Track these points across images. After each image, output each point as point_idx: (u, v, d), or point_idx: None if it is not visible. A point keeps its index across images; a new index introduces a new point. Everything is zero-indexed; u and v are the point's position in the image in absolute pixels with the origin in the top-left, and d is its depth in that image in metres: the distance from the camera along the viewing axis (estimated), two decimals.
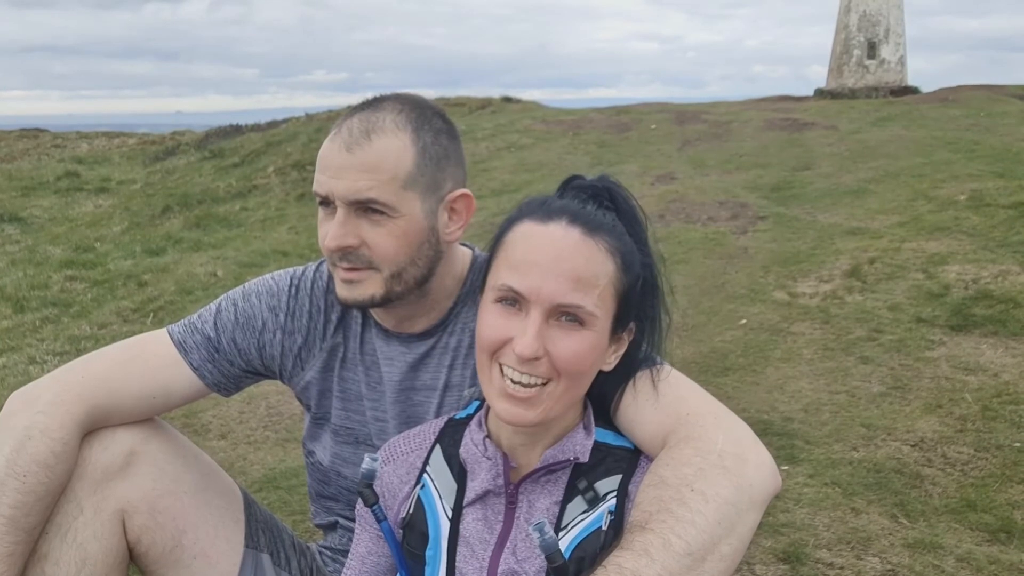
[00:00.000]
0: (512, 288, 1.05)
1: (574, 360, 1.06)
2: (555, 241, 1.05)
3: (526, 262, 1.05)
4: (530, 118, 13.15)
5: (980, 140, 9.40)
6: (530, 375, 1.06)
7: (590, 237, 1.06)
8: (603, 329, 1.08)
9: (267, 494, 2.80)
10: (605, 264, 1.06)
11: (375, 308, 1.39)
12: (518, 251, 1.07)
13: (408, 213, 1.31)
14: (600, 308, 1.06)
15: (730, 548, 1.06)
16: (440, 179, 1.34)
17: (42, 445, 1.31)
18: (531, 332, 1.04)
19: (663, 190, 8.19)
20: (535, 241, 1.06)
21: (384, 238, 1.30)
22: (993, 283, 4.78)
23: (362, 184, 1.27)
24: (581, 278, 1.04)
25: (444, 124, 1.38)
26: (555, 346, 1.05)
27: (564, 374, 1.06)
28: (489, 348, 1.08)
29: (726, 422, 1.17)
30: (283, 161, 11.37)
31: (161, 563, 1.43)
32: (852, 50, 18.82)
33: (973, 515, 2.63)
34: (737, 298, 5.06)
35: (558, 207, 1.09)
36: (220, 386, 1.49)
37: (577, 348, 1.06)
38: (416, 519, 1.19)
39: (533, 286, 1.04)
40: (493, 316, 1.08)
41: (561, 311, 1.05)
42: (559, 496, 1.15)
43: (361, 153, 1.28)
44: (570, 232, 1.06)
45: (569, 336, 1.06)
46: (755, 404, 3.54)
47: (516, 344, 1.04)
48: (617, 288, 1.08)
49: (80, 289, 6.21)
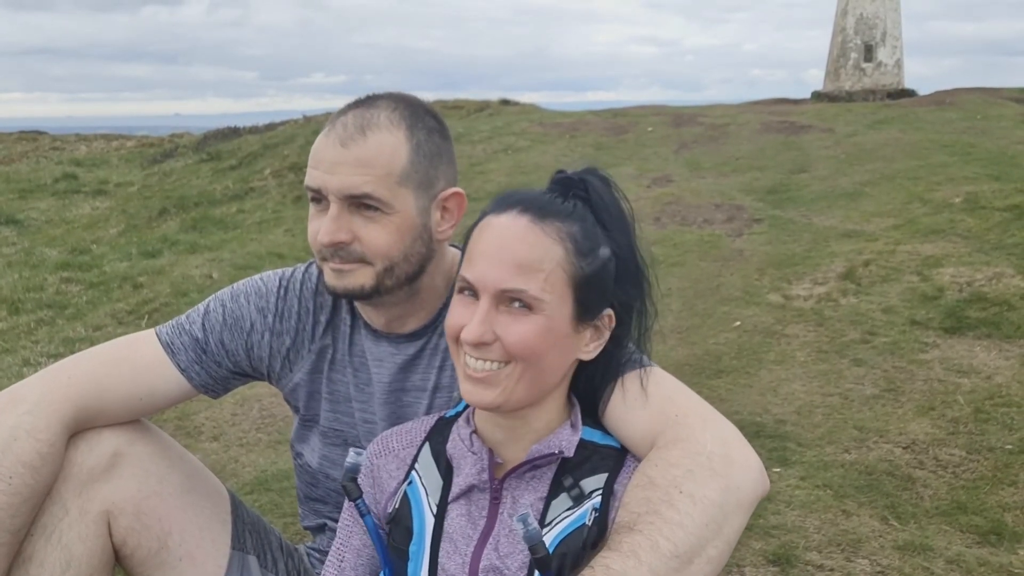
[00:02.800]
0: (465, 279, 1.11)
1: (522, 343, 1.09)
2: (502, 229, 1.10)
3: (478, 252, 1.11)
4: (527, 121, 13.15)
5: (976, 143, 9.41)
6: (484, 359, 1.10)
7: (537, 223, 1.10)
8: (557, 314, 1.10)
9: (259, 496, 2.80)
10: (551, 249, 1.09)
11: (364, 300, 1.38)
12: (473, 243, 1.13)
13: (401, 209, 1.31)
14: (548, 292, 1.09)
15: (717, 550, 1.06)
16: (433, 176, 1.35)
17: (28, 446, 1.31)
18: (476, 319, 1.09)
19: (659, 192, 8.19)
20: (487, 232, 1.12)
21: (377, 234, 1.30)
22: (987, 286, 4.79)
23: (356, 179, 1.28)
24: (523, 263, 1.08)
25: (437, 123, 1.39)
26: (504, 330, 1.09)
27: (516, 357, 1.10)
28: (452, 336, 1.14)
29: (714, 424, 1.18)
30: (280, 164, 11.37)
31: (147, 565, 1.43)
32: (849, 53, 18.85)
33: (964, 517, 2.63)
34: (731, 300, 5.07)
35: (516, 198, 1.14)
36: (207, 387, 1.49)
37: (524, 332, 1.09)
38: (402, 515, 1.20)
39: (479, 275, 1.09)
40: (456, 306, 1.13)
41: (507, 296, 1.09)
42: (544, 492, 1.15)
43: (356, 148, 1.28)
44: (518, 220, 1.10)
45: (517, 321, 1.09)
46: (748, 406, 3.54)
47: (463, 331, 1.10)
48: (570, 272, 1.10)
49: (75, 291, 6.20)
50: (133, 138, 18.66)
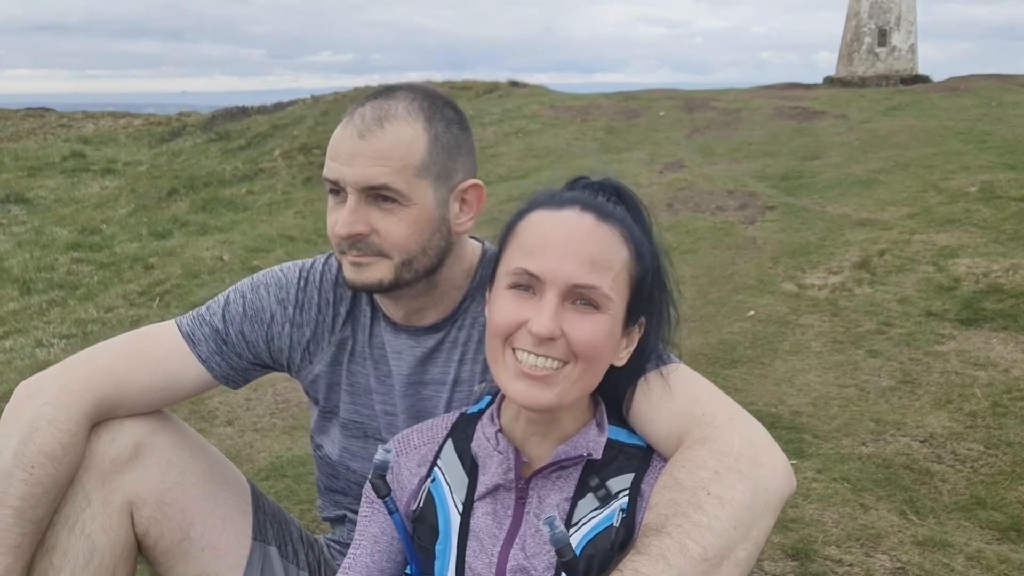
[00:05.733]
0: (527, 271, 1.06)
1: (591, 341, 1.06)
2: (569, 224, 1.07)
3: (541, 245, 1.06)
4: (538, 103, 13.08)
5: (991, 131, 9.31)
6: (547, 356, 1.06)
7: (604, 223, 1.08)
8: (617, 315, 1.09)
9: (274, 483, 2.80)
10: (620, 250, 1.07)
11: (382, 293, 1.37)
12: (532, 236, 1.08)
13: (419, 201, 1.30)
14: (615, 292, 1.07)
15: (745, 553, 1.05)
16: (452, 168, 1.33)
17: (49, 436, 1.30)
18: (547, 312, 1.04)
19: (671, 178, 8.14)
20: (549, 226, 1.08)
21: (395, 226, 1.29)
22: (1004, 277, 4.74)
23: (374, 171, 1.26)
24: (597, 260, 1.05)
25: (456, 114, 1.37)
26: (572, 327, 1.05)
27: (581, 356, 1.06)
28: (503, 333, 1.08)
29: (741, 423, 1.16)
30: (289, 144, 11.33)
31: (169, 555, 1.43)
32: (863, 37, 18.64)
33: (983, 513, 2.61)
34: (745, 289, 5.04)
35: (570, 197, 1.11)
36: (228, 378, 1.48)
37: (593, 330, 1.06)
38: (427, 513, 1.19)
39: (549, 267, 1.04)
40: (507, 301, 1.08)
41: (577, 293, 1.05)
42: (570, 492, 1.14)
43: (374, 140, 1.27)
44: (584, 217, 1.07)
45: (585, 319, 1.06)
46: (763, 397, 3.52)
47: (532, 324, 1.04)
48: (631, 275, 1.09)
49: (86, 272, 6.20)
50: (140, 116, 18.61)
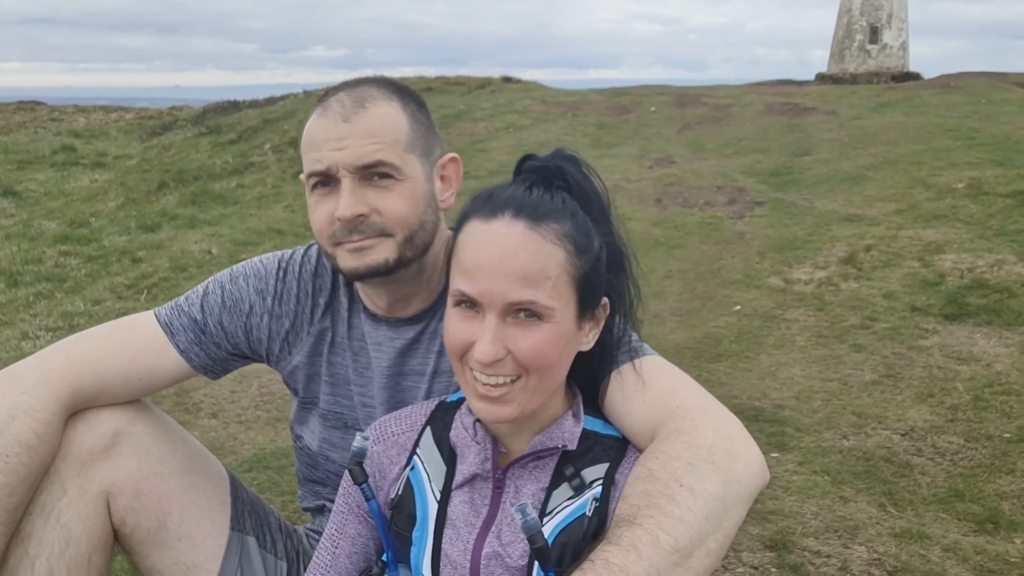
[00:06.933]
0: (464, 293, 1.06)
1: (536, 355, 1.06)
2: (499, 240, 1.05)
3: (474, 266, 1.06)
4: (529, 99, 13.07)
5: (980, 128, 9.36)
6: (496, 375, 1.06)
7: (535, 229, 1.05)
8: (565, 318, 1.08)
9: (257, 474, 2.80)
10: (554, 254, 1.05)
11: (386, 276, 1.35)
12: (467, 254, 1.07)
13: (412, 175, 1.32)
14: (556, 299, 1.06)
15: (716, 544, 1.06)
16: (431, 144, 1.37)
17: (25, 426, 1.31)
18: (487, 336, 1.04)
19: (661, 173, 8.16)
20: (480, 242, 1.06)
21: (394, 202, 1.30)
22: (988, 272, 4.78)
23: (368, 148, 1.28)
24: (529, 274, 1.04)
25: (418, 99, 1.41)
26: (516, 344, 1.05)
27: (531, 369, 1.06)
28: (456, 353, 1.09)
29: (716, 416, 1.17)
30: (280, 139, 11.30)
31: (146, 544, 1.43)
32: (854, 35, 18.68)
33: (961, 505, 2.64)
34: (732, 284, 5.06)
35: (503, 200, 1.08)
36: (207, 369, 1.49)
37: (537, 343, 1.05)
38: (405, 500, 1.20)
39: (483, 289, 1.04)
40: (455, 321, 1.09)
41: (515, 308, 1.05)
42: (546, 482, 1.15)
43: (360, 121, 1.29)
44: (514, 227, 1.05)
45: (529, 332, 1.05)
46: (747, 391, 3.54)
47: (475, 350, 1.05)
48: (572, 274, 1.07)
49: (74, 264, 6.18)
50: (132, 110, 18.53)
